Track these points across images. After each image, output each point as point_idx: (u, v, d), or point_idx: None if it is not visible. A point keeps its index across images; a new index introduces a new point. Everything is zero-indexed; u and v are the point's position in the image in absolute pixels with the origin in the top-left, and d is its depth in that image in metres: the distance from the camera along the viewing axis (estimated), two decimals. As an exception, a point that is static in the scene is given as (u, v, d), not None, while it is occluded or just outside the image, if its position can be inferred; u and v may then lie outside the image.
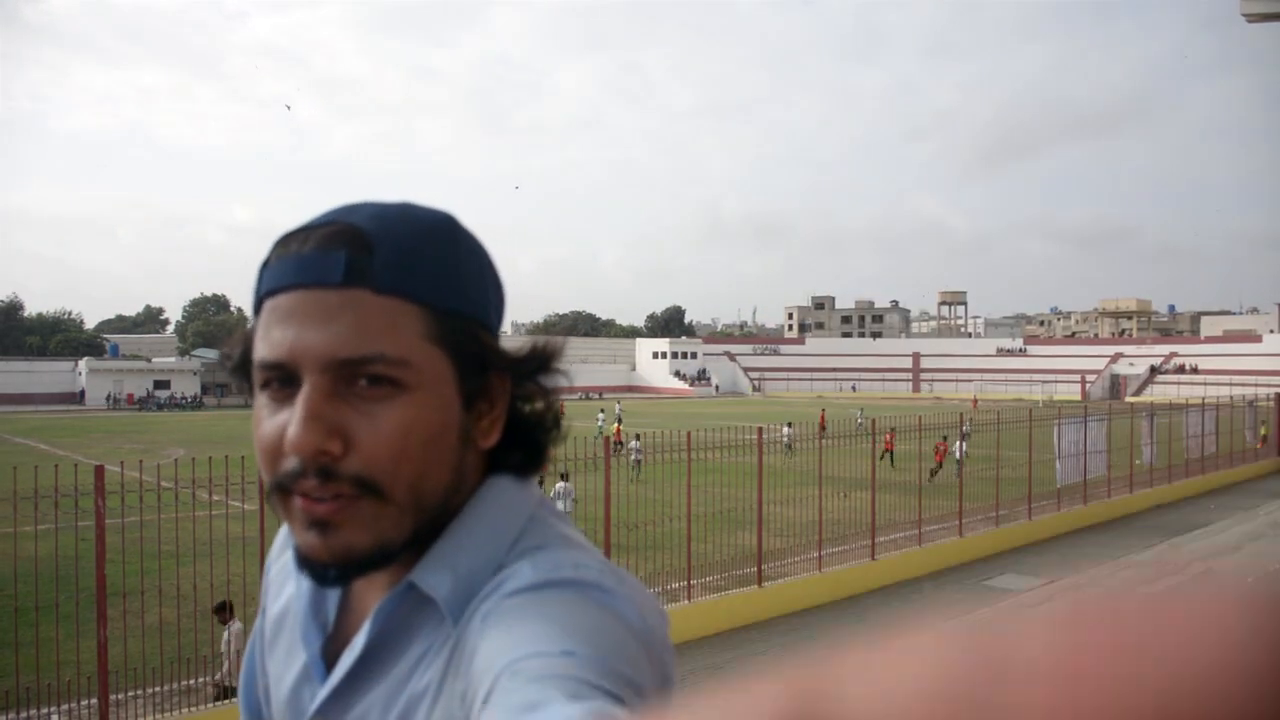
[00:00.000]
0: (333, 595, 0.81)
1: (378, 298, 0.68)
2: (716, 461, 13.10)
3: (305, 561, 0.70)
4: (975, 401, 59.17)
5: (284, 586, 0.86)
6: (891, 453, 21.97)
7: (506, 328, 0.81)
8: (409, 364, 0.68)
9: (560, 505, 12.89)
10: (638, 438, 25.06)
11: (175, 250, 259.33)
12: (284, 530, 0.85)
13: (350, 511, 0.68)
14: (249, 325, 0.75)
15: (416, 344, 0.69)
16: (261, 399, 0.71)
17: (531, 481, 0.79)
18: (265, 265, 0.72)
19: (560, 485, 13.61)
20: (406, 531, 0.70)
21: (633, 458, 19.38)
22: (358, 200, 0.74)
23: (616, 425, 29.92)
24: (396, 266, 0.69)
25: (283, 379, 0.69)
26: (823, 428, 20.06)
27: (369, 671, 0.73)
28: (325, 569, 0.69)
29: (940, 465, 22.03)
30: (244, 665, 0.94)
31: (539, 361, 0.77)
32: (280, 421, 0.69)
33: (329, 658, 0.78)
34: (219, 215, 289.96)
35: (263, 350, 0.69)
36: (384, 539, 0.69)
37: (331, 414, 0.67)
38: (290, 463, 0.68)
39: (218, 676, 8.43)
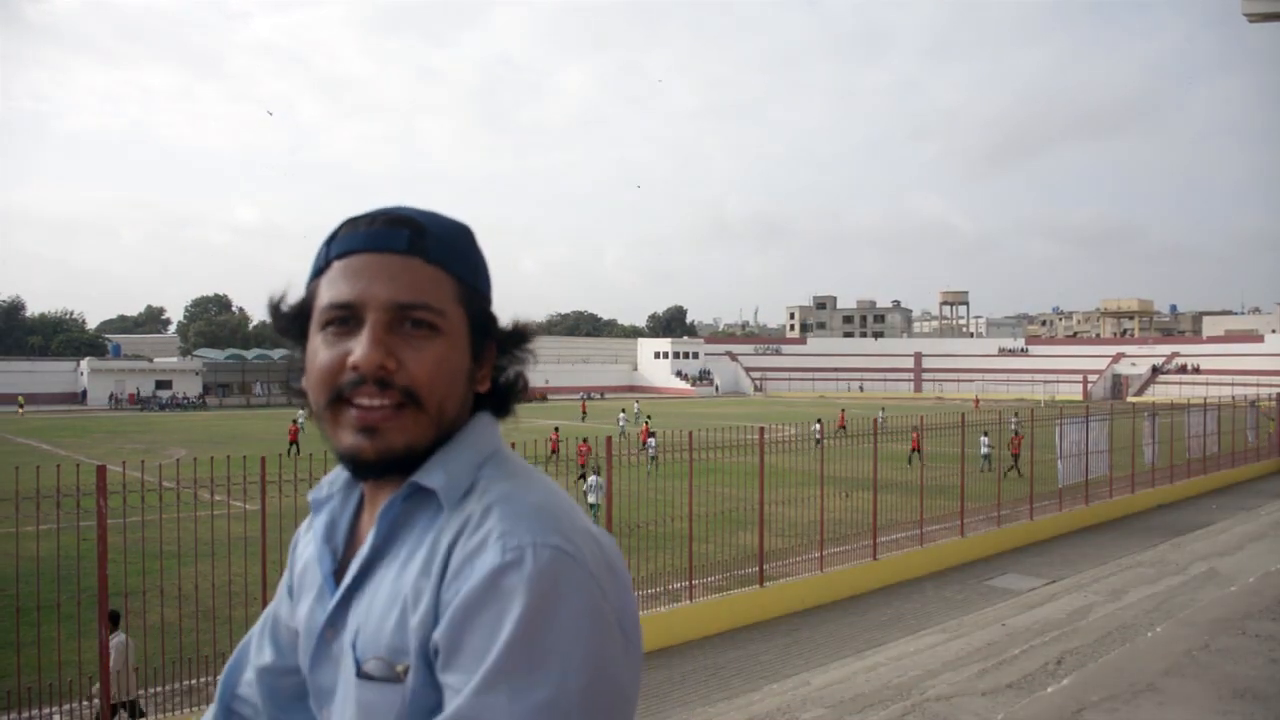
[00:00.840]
0: (342, 525, 1.03)
1: (428, 266, 0.93)
2: (718, 462, 13.10)
3: (350, 459, 0.92)
4: (977, 402, 59.12)
5: (305, 550, 1.06)
6: (917, 451, 22.08)
7: (508, 327, 1.02)
8: (445, 314, 0.92)
9: (592, 498, 14.53)
10: (653, 434, 26.00)
11: (177, 250, 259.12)
12: (306, 522, 1.09)
13: (395, 419, 0.90)
14: (311, 286, 0.97)
15: (450, 303, 0.93)
16: (319, 338, 0.93)
17: (499, 423, 1.03)
18: (333, 238, 0.95)
19: (593, 479, 14.76)
20: (429, 438, 0.92)
21: (650, 453, 19.68)
22: (398, 204, 0.97)
23: (645, 424, 30.15)
24: (441, 246, 0.94)
25: (343, 320, 0.91)
26: (842, 426, 20.19)
27: (374, 571, 0.93)
28: (369, 465, 0.92)
29: (1016, 459, 22.70)
30: (234, 655, 1.12)
31: (518, 336, 1.02)
32: (342, 349, 0.91)
33: (339, 580, 0.97)
34: (221, 216, 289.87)
35: (333, 295, 0.92)
36: (414, 442, 0.91)
37: (389, 343, 0.90)
38: (351, 375, 0.90)
39: (96, 696, 7.52)
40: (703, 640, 11.13)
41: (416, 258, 0.92)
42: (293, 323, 0.98)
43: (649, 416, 36.71)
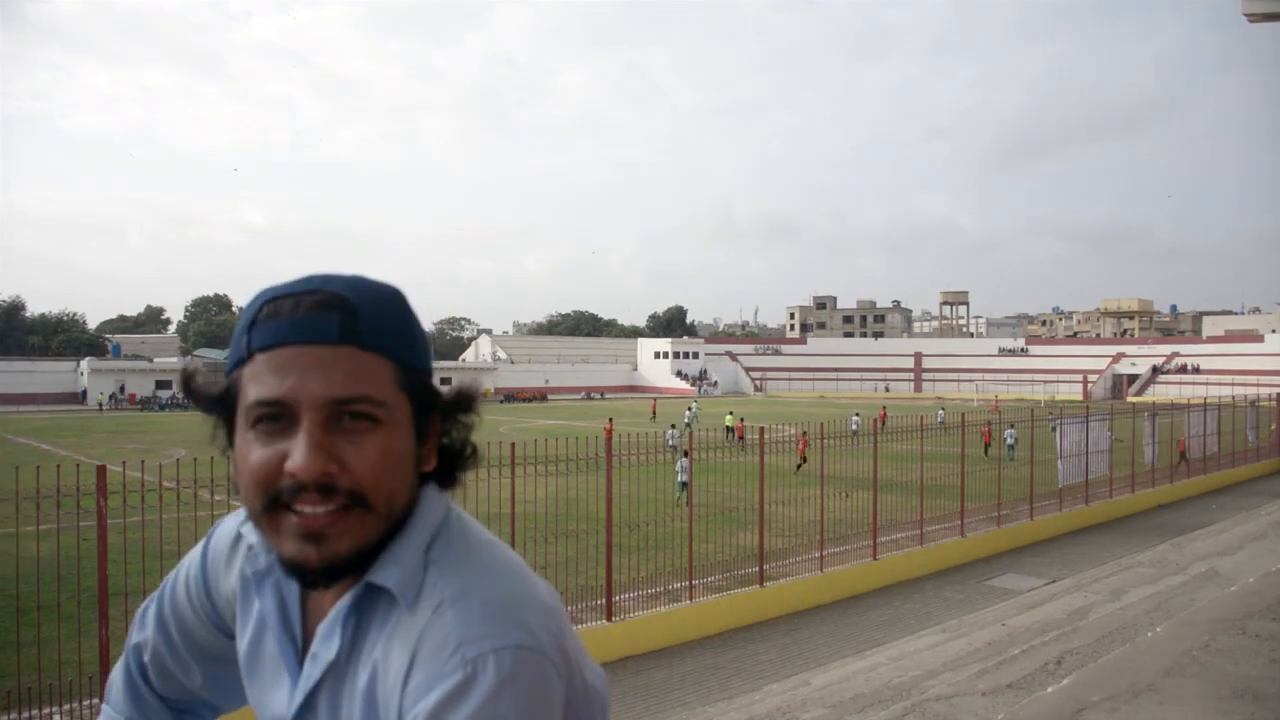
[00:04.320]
0: (294, 608, 0.96)
1: (363, 353, 0.86)
2: (717, 461, 13.10)
3: (295, 568, 0.86)
4: (996, 402, 58.51)
5: (248, 617, 0.99)
6: (989, 445, 24.06)
7: (509, 328, 0.92)
8: (386, 404, 0.86)
9: (682, 477, 16.77)
10: (673, 426, 26.56)
11: (178, 251, 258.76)
12: (220, 550, 1.05)
13: (341, 523, 0.84)
14: (232, 376, 0.89)
15: (391, 390, 0.87)
16: (249, 436, 0.86)
17: (448, 492, 0.97)
18: (253, 325, 0.87)
19: (682, 461, 16.33)
20: (378, 536, 0.87)
21: (670, 443, 19.95)
22: (322, 273, 0.90)
23: (740, 422, 30.50)
24: (375, 330, 0.87)
25: (274, 416, 0.84)
26: (883, 422, 20.65)
27: (336, 675, 0.89)
28: (314, 574, 0.86)
29: (1184, 455, 24.20)
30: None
31: (463, 403, 0.96)
32: (276, 451, 0.84)
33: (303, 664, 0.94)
34: (222, 216, 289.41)
35: (260, 392, 0.85)
36: (363, 543, 0.86)
37: (328, 444, 0.84)
38: (289, 481, 0.83)
39: None
40: (703, 640, 11.13)
41: (350, 346, 0.85)
42: (213, 407, 0.91)
43: (730, 412, 36.62)
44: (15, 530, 8.42)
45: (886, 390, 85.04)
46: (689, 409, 43.06)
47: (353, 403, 0.84)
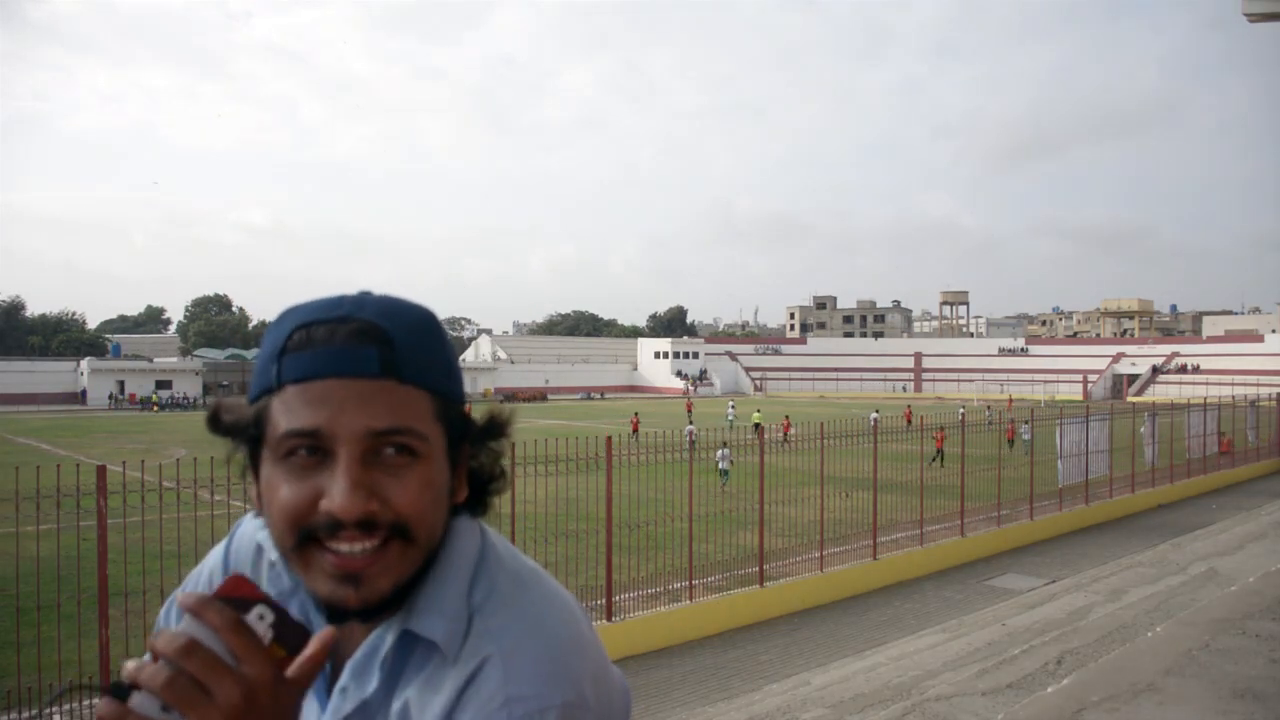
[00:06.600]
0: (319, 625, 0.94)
1: (402, 386, 0.83)
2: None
3: (331, 608, 0.83)
4: (1010, 401, 59.21)
5: None
6: (1012, 441, 25.94)
7: (509, 328, 0.88)
8: (426, 437, 0.84)
9: (722, 465, 18.65)
10: (691, 424, 27.14)
11: (178, 251, 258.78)
12: (243, 555, 1.00)
13: (380, 560, 0.81)
14: (259, 404, 0.84)
15: (429, 422, 0.85)
16: (280, 470, 0.82)
17: (478, 521, 0.94)
18: (284, 352, 0.83)
19: (721, 450, 17.83)
20: (415, 570, 0.84)
21: (688, 439, 20.00)
22: (354, 293, 0.87)
23: (786, 420, 31.16)
24: (414, 362, 0.84)
25: (310, 449, 0.81)
26: (908, 421, 21.04)
27: (368, 707, 0.86)
28: (350, 612, 0.82)
29: (1229, 449, 26.45)
30: None
31: (496, 429, 0.94)
32: (311, 486, 0.80)
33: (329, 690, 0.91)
34: (223, 216, 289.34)
35: (293, 422, 0.81)
36: (401, 578, 0.83)
37: (368, 480, 0.81)
38: (325, 519, 0.79)
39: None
40: (703, 640, 11.12)
41: (390, 379, 0.82)
42: (238, 435, 0.87)
43: (758, 410, 37.59)
44: (15, 530, 8.42)
45: (904, 390, 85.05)
46: (730, 407, 47.34)
47: (394, 434, 0.81)
